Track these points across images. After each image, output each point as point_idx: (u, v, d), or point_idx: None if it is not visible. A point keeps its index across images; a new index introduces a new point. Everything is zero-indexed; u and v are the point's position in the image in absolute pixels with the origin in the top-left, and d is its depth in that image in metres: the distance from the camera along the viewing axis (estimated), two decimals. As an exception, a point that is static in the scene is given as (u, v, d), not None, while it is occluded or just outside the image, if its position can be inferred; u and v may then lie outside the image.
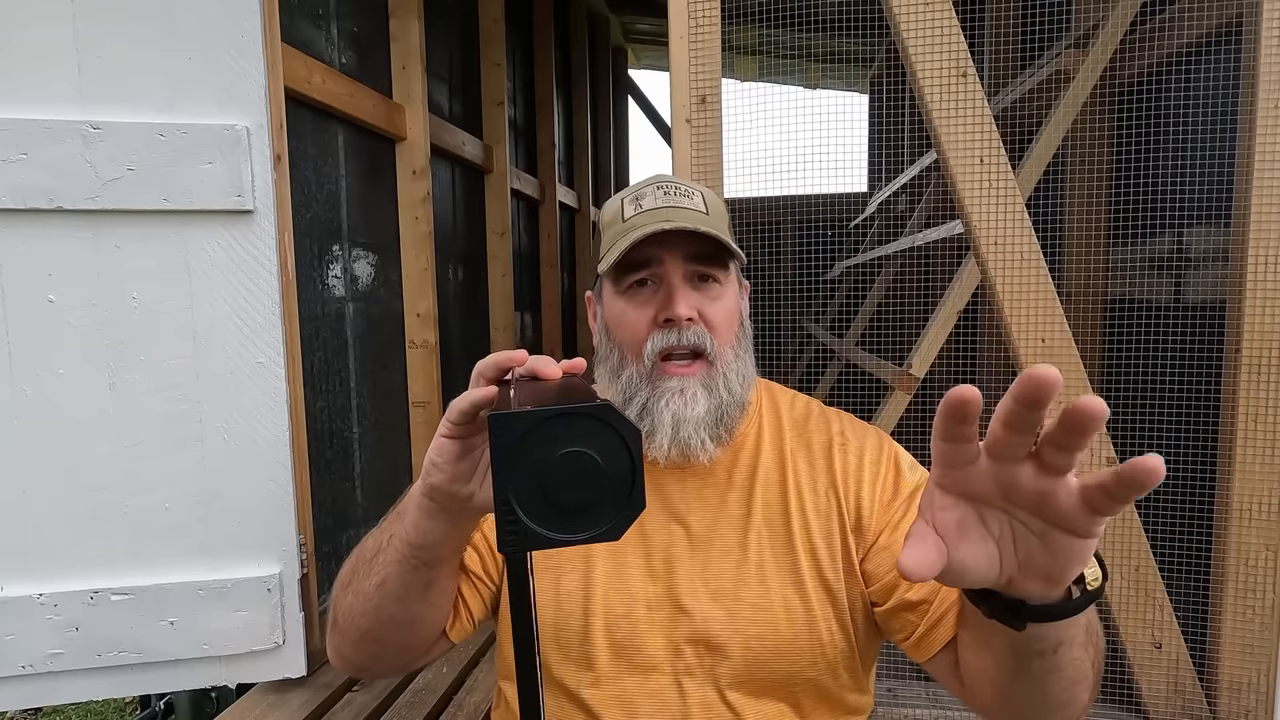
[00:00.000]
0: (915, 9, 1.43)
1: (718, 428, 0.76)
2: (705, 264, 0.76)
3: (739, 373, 0.78)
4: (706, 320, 0.76)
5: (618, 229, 0.78)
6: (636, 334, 0.76)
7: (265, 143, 1.46)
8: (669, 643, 0.76)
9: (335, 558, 2.08)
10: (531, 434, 0.41)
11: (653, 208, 0.77)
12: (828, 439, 0.82)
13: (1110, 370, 1.88)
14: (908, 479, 0.79)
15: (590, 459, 0.42)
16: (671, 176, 0.84)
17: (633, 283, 0.77)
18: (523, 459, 0.41)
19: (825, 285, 4.17)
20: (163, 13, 1.39)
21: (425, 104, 2.46)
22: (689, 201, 0.78)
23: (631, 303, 0.77)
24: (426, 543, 0.64)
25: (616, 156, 6.23)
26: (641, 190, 0.81)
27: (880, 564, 0.75)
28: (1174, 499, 1.56)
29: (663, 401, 0.74)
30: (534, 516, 0.42)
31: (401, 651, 0.77)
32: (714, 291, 0.77)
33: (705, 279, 0.77)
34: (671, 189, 0.79)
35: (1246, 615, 1.48)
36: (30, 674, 1.43)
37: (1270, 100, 1.38)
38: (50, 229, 1.38)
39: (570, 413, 0.41)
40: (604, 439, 0.42)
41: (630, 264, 0.76)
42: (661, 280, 0.76)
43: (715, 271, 0.77)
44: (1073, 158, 2.07)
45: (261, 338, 1.49)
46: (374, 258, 2.36)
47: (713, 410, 0.75)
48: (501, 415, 0.41)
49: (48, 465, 1.42)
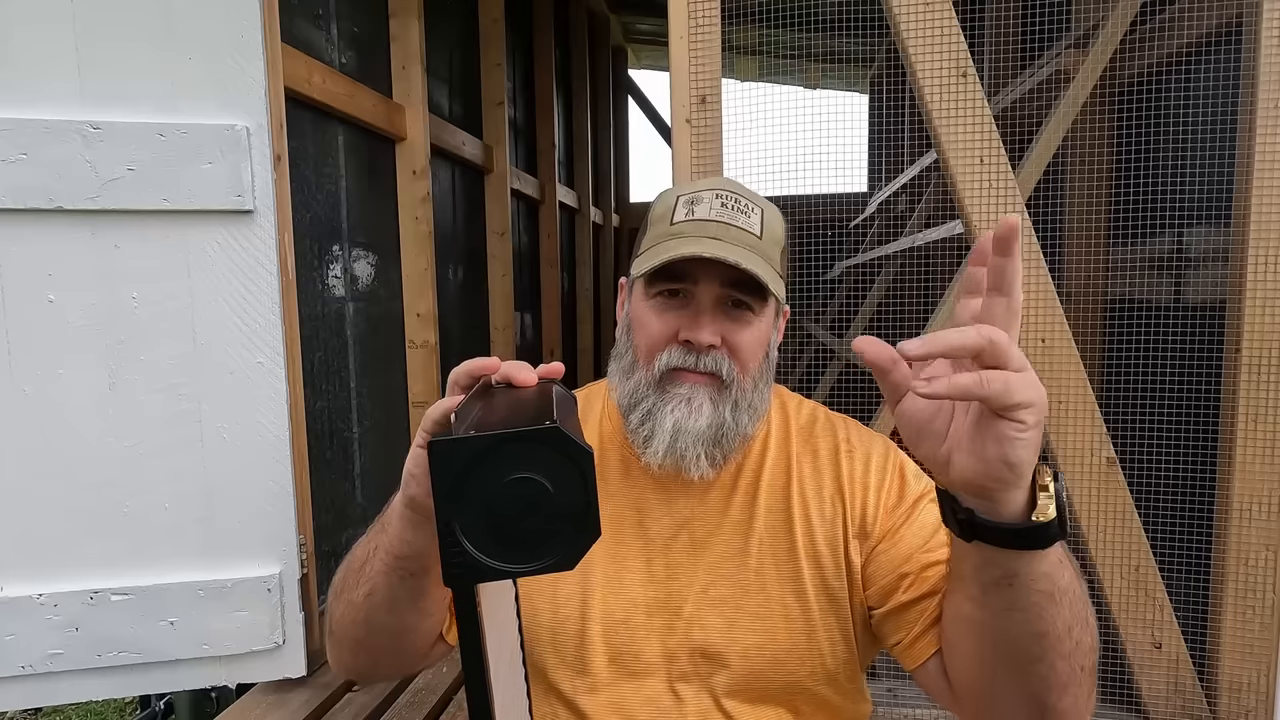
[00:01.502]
0: (915, 9, 1.43)
1: (715, 448, 0.73)
2: (742, 291, 0.73)
3: (751, 405, 0.75)
4: (731, 347, 0.73)
5: (663, 230, 0.75)
6: (655, 342, 0.74)
7: (265, 143, 1.46)
8: (666, 649, 0.75)
9: (335, 558, 2.08)
10: (476, 461, 0.38)
11: (704, 219, 0.73)
12: (834, 445, 0.81)
13: (1110, 370, 1.88)
14: (912, 487, 0.77)
15: (539, 485, 0.39)
16: (735, 185, 0.79)
17: (664, 290, 0.75)
18: (468, 486, 0.38)
19: (825, 285, 4.17)
20: (163, 13, 1.39)
21: (425, 104, 2.46)
22: (744, 220, 0.74)
23: (658, 310, 0.75)
24: (411, 553, 0.63)
25: (616, 156, 6.23)
26: (699, 194, 0.77)
27: (880, 567, 0.74)
28: (1174, 499, 1.56)
29: (668, 407, 0.73)
30: (481, 546, 0.39)
31: (398, 657, 0.76)
32: (745, 319, 0.74)
33: (739, 304, 0.74)
34: (730, 202, 0.75)
35: (1246, 615, 1.48)
36: (30, 674, 1.43)
37: (1270, 100, 1.38)
38: (50, 229, 1.37)
39: (515, 437, 0.38)
40: (554, 463, 0.39)
41: (665, 274, 0.73)
42: (692, 299, 0.73)
43: (751, 300, 0.74)
44: (1073, 158, 2.07)
45: (261, 338, 1.49)
46: (374, 258, 2.36)
47: (714, 428, 0.73)
48: (441, 441, 0.39)
49: (48, 465, 1.42)
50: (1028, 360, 0.46)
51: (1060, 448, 1.51)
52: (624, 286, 0.84)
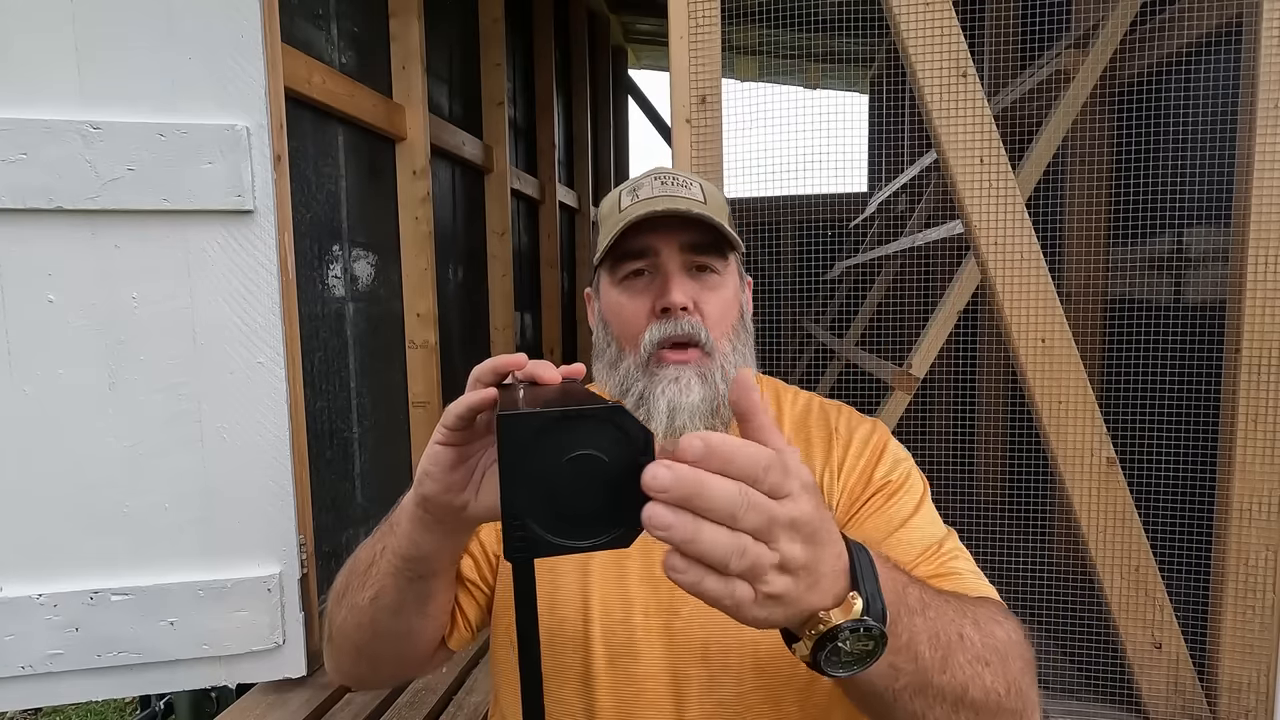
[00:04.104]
0: (915, 9, 1.43)
1: (713, 418, 0.74)
2: (703, 254, 0.75)
3: (736, 365, 0.76)
4: (702, 311, 0.75)
5: (614, 219, 0.77)
6: (634, 324, 0.75)
7: (265, 143, 1.46)
8: (667, 650, 0.74)
9: (335, 558, 2.08)
10: (541, 435, 0.39)
11: (649, 197, 0.76)
12: (827, 434, 0.80)
13: (1110, 370, 1.88)
14: (881, 470, 0.75)
15: (601, 462, 0.40)
16: (670, 168, 0.82)
17: (629, 273, 0.76)
18: (532, 462, 0.39)
19: (825, 285, 4.17)
20: (163, 13, 1.39)
21: (425, 104, 2.46)
22: (686, 192, 0.77)
23: (628, 293, 0.76)
24: (421, 555, 0.62)
25: (616, 156, 6.23)
26: (639, 182, 0.80)
27: None
28: (1174, 499, 1.56)
29: (659, 389, 0.73)
30: (542, 522, 0.40)
31: (400, 663, 0.76)
32: (711, 282, 0.76)
33: (703, 269, 0.76)
34: (669, 179, 0.78)
35: (1246, 615, 1.48)
36: (30, 674, 1.43)
37: (1270, 100, 1.38)
38: (50, 229, 1.37)
39: (582, 414, 0.40)
40: (615, 442, 0.40)
41: (627, 253, 0.75)
42: (658, 270, 0.75)
43: (713, 262, 0.76)
44: (1073, 158, 2.07)
45: (261, 338, 1.49)
46: (374, 258, 2.36)
47: (708, 399, 0.73)
48: (511, 415, 0.40)
49: (48, 465, 1.42)
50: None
51: (1060, 448, 1.51)
52: (589, 296, 0.86)
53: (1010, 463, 2.11)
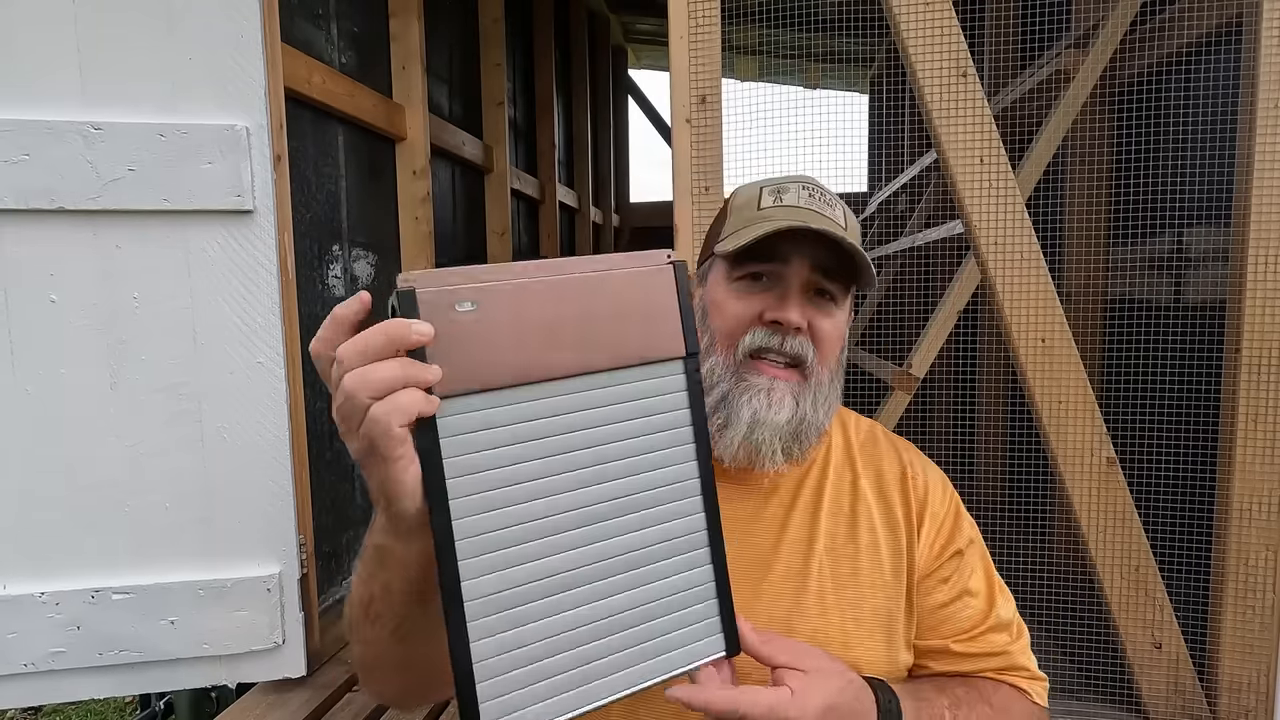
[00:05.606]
0: (915, 9, 1.43)
1: (793, 443, 0.72)
2: (832, 279, 0.72)
3: (828, 399, 0.74)
4: (815, 333, 0.72)
5: (750, 215, 0.74)
6: (736, 325, 0.72)
7: (265, 143, 1.46)
8: None
9: (335, 558, 2.09)
10: None
11: (794, 205, 0.73)
12: (900, 469, 0.79)
13: (1110, 370, 1.88)
14: (964, 532, 0.77)
15: None
16: (817, 180, 0.79)
17: (748, 274, 0.73)
18: None
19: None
20: (163, 13, 1.39)
21: (425, 104, 2.46)
22: (831, 212, 0.73)
23: (738, 293, 0.73)
24: (421, 570, 0.55)
25: (616, 156, 6.23)
26: (785, 184, 0.76)
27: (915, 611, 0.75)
28: (1174, 499, 1.56)
29: (745, 397, 0.70)
30: None
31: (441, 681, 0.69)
32: (829, 309, 0.73)
33: (823, 294, 0.73)
34: (817, 193, 0.75)
35: (1246, 615, 1.48)
36: (32, 672, 1.43)
37: (1270, 100, 1.38)
38: (52, 229, 1.38)
39: None
40: None
41: (756, 254, 0.71)
42: (779, 280, 0.72)
43: (836, 290, 0.73)
44: (1073, 158, 2.07)
45: (261, 338, 1.50)
46: (374, 258, 2.36)
47: (794, 422, 0.71)
48: None
49: (49, 465, 1.42)
50: None
51: (1060, 448, 1.51)
52: (694, 277, 0.81)
53: (1010, 463, 2.11)
